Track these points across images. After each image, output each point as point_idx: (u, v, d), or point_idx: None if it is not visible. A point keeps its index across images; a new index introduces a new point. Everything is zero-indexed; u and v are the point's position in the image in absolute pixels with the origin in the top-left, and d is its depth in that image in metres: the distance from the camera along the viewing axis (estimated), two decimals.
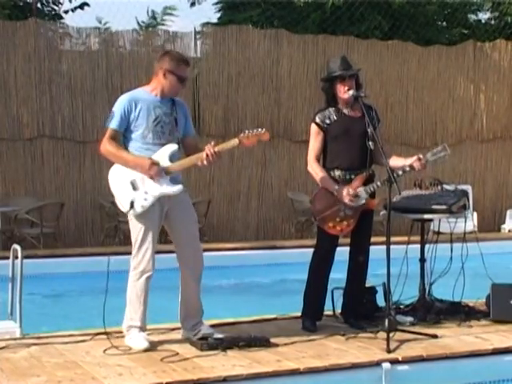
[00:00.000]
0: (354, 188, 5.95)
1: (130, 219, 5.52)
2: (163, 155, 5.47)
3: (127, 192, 5.45)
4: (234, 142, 5.48)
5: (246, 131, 5.46)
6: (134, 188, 5.44)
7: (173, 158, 5.50)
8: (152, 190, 5.43)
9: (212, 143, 5.44)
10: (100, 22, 13.28)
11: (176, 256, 5.62)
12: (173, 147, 5.51)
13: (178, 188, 5.48)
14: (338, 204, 5.95)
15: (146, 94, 5.57)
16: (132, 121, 5.48)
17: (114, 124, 5.49)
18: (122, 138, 5.55)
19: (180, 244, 5.59)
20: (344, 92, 5.99)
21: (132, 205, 5.40)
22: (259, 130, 5.46)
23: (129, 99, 5.52)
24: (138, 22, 16.95)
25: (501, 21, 16.21)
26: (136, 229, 5.48)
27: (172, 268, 5.71)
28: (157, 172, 5.41)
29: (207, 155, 5.39)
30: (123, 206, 5.47)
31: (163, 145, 5.49)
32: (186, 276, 5.62)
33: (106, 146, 5.48)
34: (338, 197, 5.93)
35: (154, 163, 5.41)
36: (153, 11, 17.54)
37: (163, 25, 17.07)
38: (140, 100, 5.51)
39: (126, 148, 5.53)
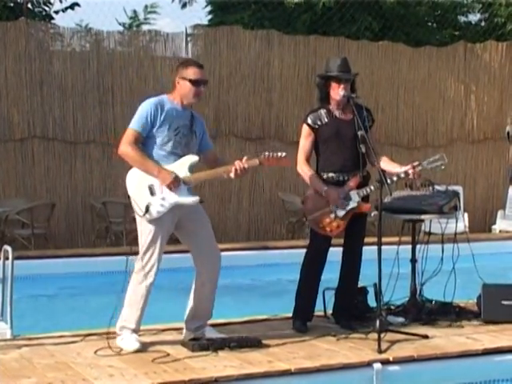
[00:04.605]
0: (348, 188, 5.96)
1: (140, 223, 5.48)
2: (183, 165, 5.45)
3: (144, 196, 5.41)
4: (254, 162, 5.47)
5: (267, 153, 5.43)
6: (152, 193, 5.41)
7: (191, 169, 5.49)
8: (169, 197, 5.40)
9: (245, 158, 5.43)
10: (81, 26, 13.23)
11: (192, 258, 5.59)
12: (194, 158, 5.50)
13: (194, 199, 5.47)
14: (328, 205, 5.96)
15: (170, 102, 5.53)
16: (155, 126, 5.44)
17: (138, 126, 5.43)
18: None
19: (199, 247, 5.55)
20: (337, 92, 5.99)
21: (148, 209, 5.37)
22: (281, 154, 5.44)
23: (156, 103, 5.47)
24: (121, 24, 16.95)
25: (491, 22, 16.25)
26: (145, 233, 5.45)
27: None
28: (176, 188, 5.39)
29: (236, 169, 5.39)
30: (139, 208, 5.41)
31: (180, 155, 5.47)
32: (204, 277, 5.57)
33: (128, 150, 5.40)
34: (326, 198, 5.93)
35: (177, 180, 5.38)
36: (134, 11, 17.56)
37: (148, 24, 17.06)
38: (165, 107, 5.48)
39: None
